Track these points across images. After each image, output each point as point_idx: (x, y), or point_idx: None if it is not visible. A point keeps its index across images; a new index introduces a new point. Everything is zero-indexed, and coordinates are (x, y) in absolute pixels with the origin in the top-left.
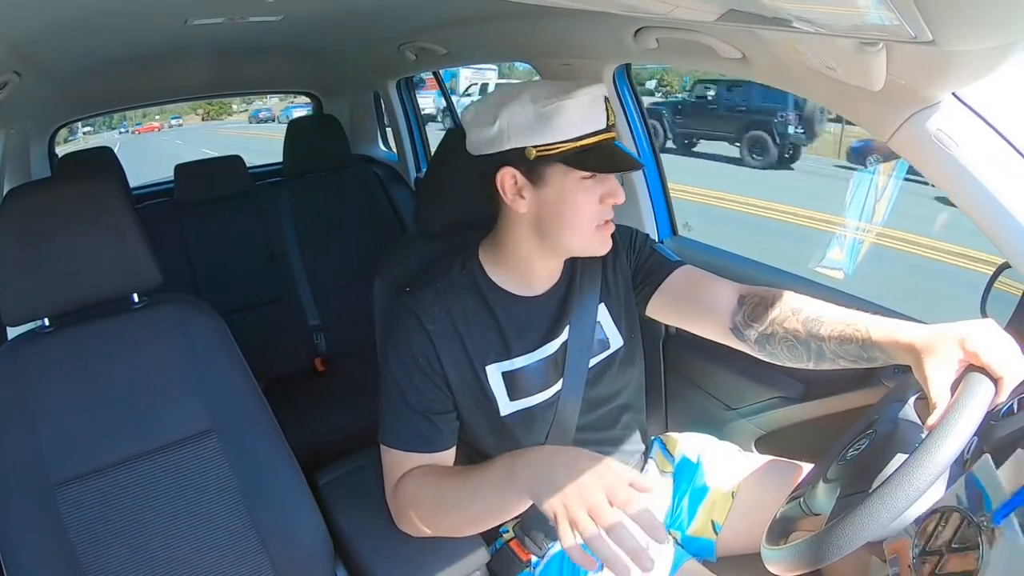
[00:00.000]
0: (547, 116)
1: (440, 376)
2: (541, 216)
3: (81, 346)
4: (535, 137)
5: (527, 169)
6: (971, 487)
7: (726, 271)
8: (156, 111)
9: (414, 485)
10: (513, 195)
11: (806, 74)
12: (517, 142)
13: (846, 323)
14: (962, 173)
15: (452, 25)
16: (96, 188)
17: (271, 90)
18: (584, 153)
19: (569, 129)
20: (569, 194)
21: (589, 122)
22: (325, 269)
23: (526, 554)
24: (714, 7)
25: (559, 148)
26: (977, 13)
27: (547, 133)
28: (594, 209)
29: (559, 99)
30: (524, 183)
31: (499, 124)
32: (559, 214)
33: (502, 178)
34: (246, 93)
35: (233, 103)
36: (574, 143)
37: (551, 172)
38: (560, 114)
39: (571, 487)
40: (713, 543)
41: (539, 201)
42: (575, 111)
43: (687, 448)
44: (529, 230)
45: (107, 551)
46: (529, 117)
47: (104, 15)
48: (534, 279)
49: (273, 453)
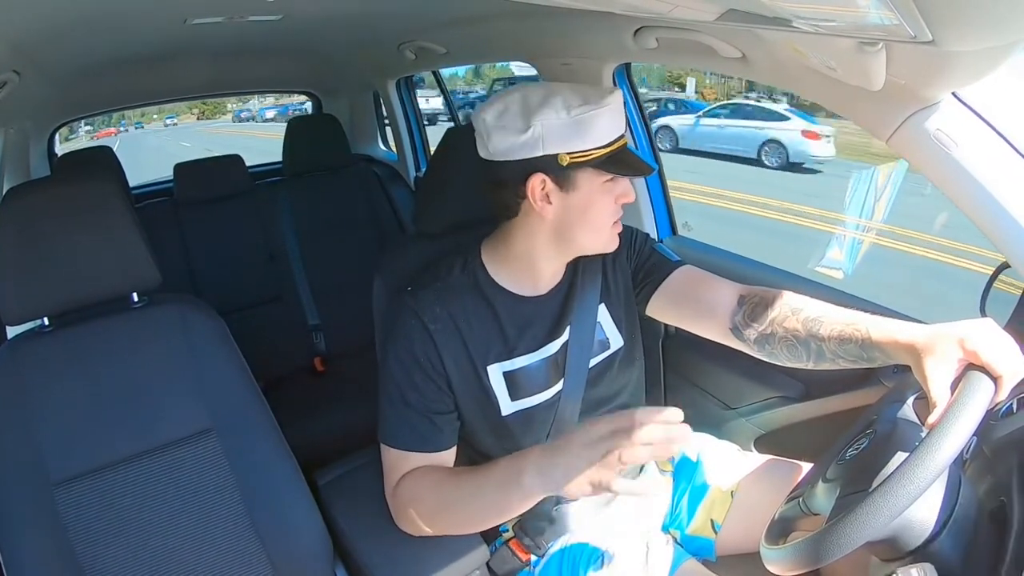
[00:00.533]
0: (583, 124)
1: (442, 376)
2: (565, 219)
3: (80, 346)
4: (569, 144)
5: (558, 175)
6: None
7: (726, 271)
8: (155, 110)
9: (414, 484)
10: (542, 201)
11: (806, 74)
12: (551, 148)
13: (846, 323)
14: (962, 173)
15: (452, 25)
16: (96, 187)
17: (271, 89)
18: (614, 158)
19: (601, 136)
20: (597, 195)
21: (614, 128)
22: (325, 269)
23: (526, 553)
24: (714, 7)
25: (592, 154)
26: (977, 13)
27: (581, 139)
28: (611, 209)
29: (593, 107)
30: (552, 188)
31: (533, 130)
32: (584, 218)
33: (532, 184)
34: (246, 93)
35: (228, 103)
36: (603, 149)
37: (581, 177)
38: (594, 121)
39: (587, 467)
40: (712, 542)
41: (566, 206)
42: (606, 118)
43: (686, 447)
44: (549, 233)
45: (106, 550)
46: (564, 123)
47: (104, 15)
48: (539, 279)
49: (272, 453)
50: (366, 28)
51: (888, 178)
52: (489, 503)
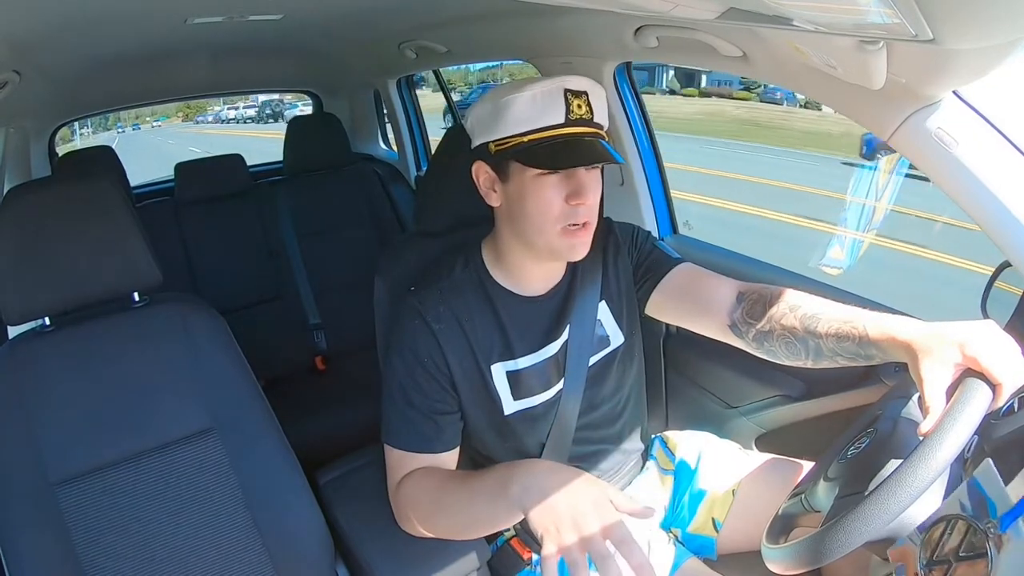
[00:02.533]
0: (499, 110)
1: (445, 376)
2: (511, 212)
3: (81, 345)
4: (493, 132)
5: (493, 164)
6: (974, 493)
7: (726, 269)
8: (147, 112)
9: (414, 487)
10: (487, 189)
11: (806, 72)
12: (482, 137)
13: (844, 320)
14: (962, 172)
15: (452, 23)
16: (96, 187)
17: (271, 89)
18: (536, 147)
19: (520, 123)
20: (529, 190)
21: (542, 116)
22: (325, 268)
23: (527, 552)
24: (715, 5)
25: (511, 142)
26: (977, 11)
27: (501, 127)
28: (559, 208)
29: (512, 93)
30: (494, 177)
31: (470, 120)
32: (523, 210)
33: (476, 171)
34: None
35: (207, 105)
36: (522, 137)
37: (511, 167)
38: (509, 108)
39: (566, 510)
40: (714, 541)
41: (507, 196)
42: (524, 105)
43: (687, 449)
44: (509, 228)
45: (107, 550)
46: (488, 112)
47: (104, 15)
48: (531, 280)
49: (273, 452)
50: (366, 27)
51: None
52: (480, 513)
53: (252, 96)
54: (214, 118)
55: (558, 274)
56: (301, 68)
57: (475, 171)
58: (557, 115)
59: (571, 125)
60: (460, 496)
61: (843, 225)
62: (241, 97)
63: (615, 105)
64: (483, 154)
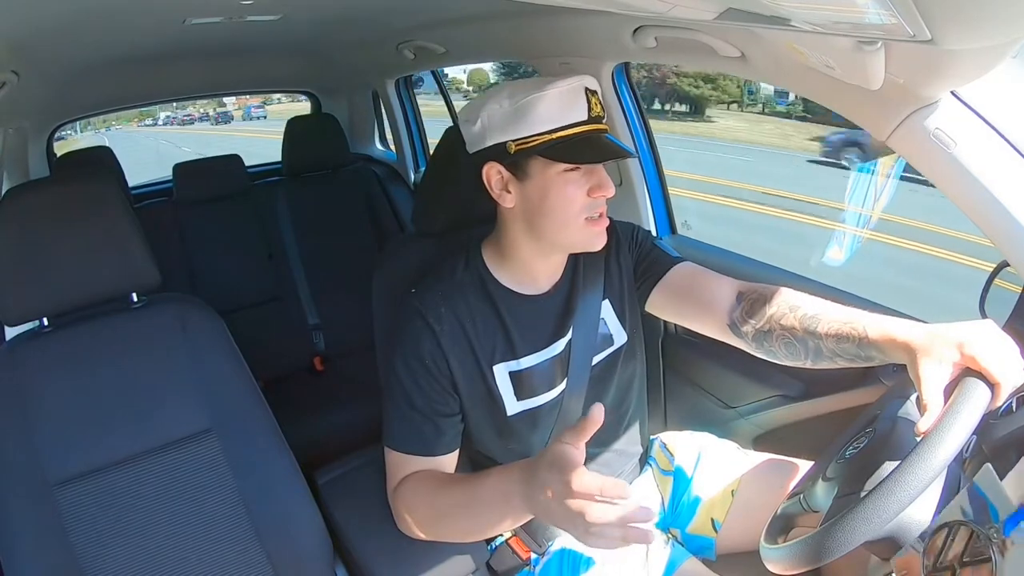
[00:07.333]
0: (522, 110)
1: (447, 378)
2: (529, 211)
3: (80, 346)
4: (512, 131)
5: (509, 163)
6: (975, 499)
7: (725, 269)
8: (136, 115)
9: (412, 491)
10: (500, 190)
11: (805, 73)
12: (497, 138)
13: (843, 321)
14: (961, 172)
15: (450, 24)
16: (95, 188)
17: (269, 89)
18: (562, 144)
19: (544, 122)
20: (553, 187)
21: (567, 114)
22: (324, 268)
23: (526, 552)
24: (713, 5)
25: (535, 141)
26: (975, 12)
27: (523, 127)
28: (581, 202)
29: (534, 92)
30: (509, 177)
31: (480, 122)
32: (546, 207)
33: (487, 173)
34: (244, 92)
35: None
36: (550, 135)
37: (532, 165)
38: (534, 107)
39: (570, 513)
40: (713, 541)
41: (524, 195)
42: (550, 103)
43: (685, 453)
44: (522, 227)
45: (106, 550)
46: (506, 112)
47: (103, 15)
48: (535, 277)
49: (272, 452)
50: (365, 28)
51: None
52: (479, 520)
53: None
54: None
55: (559, 271)
56: (299, 68)
57: (486, 172)
58: (580, 112)
59: (592, 122)
60: (459, 503)
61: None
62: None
63: (614, 106)
64: (497, 154)
